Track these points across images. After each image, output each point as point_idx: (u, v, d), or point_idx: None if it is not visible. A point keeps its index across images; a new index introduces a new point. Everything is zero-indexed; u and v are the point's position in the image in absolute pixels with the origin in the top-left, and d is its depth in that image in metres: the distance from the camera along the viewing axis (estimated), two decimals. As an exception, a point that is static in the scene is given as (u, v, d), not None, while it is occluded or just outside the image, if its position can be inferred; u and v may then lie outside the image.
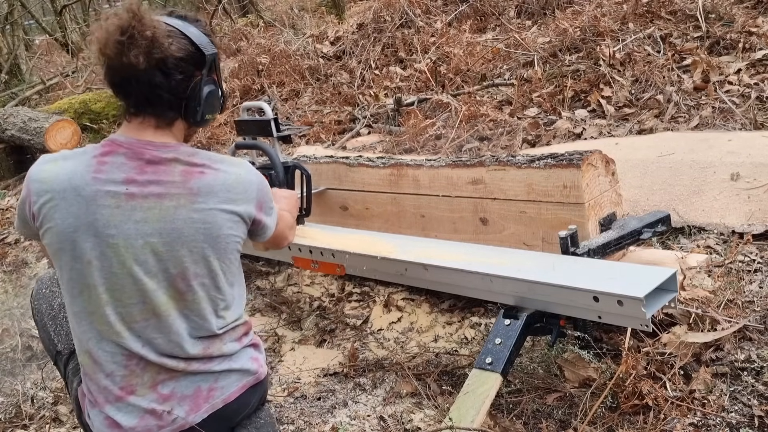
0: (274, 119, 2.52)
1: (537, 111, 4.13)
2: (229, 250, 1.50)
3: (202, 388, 1.50)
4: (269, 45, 6.75)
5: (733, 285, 2.07)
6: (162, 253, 1.42)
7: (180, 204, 1.43)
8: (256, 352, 1.62)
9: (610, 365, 1.86)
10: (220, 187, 1.47)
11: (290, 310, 2.62)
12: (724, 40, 4.03)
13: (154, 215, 1.41)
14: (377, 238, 2.31)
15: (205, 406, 1.49)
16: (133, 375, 1.46)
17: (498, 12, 5.83)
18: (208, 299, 1.49)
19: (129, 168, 1.42)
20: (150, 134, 1.47)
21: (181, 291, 1.45)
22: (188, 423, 1.47)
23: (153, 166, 1.44)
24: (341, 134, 4.86)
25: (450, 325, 2.34)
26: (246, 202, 1.52)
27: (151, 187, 1.42)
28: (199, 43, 1.49)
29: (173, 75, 1.44)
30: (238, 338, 1.57)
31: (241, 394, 1.55)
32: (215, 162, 1.51)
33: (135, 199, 1.41)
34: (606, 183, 2.14)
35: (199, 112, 1.51)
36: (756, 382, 1.72)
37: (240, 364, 1.55)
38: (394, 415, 1.89)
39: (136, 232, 1.41)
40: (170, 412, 1.46)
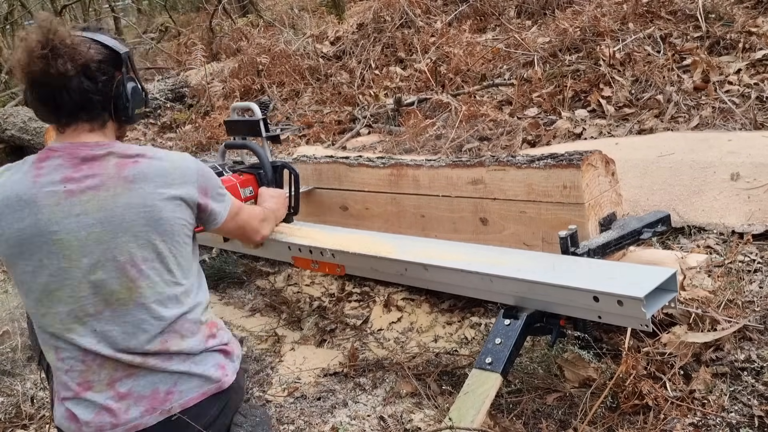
0: (263, 119, 2.56)
1: (537, 111, 4.13)
2: (176, 233, 1.54)
3: (159, 390, 1.51)
4: (269, 45, 6.75)
5: (733, 285, 2.07)
6: (107, 241, 1.46)
7: (117, 192, 1.48)
8: (224, 359, 1.62)
9: (610, 365, 1.86)
10: (156, 173, 1.52)
11: (290, 310, 2.62)
12: (724, 40, 4.03)
13: (93, 206, 1.46)
14: (377, 238, 2.31)
15: (161, 408, 1.50)
16: (89, 371, 1.49)
17: (498, 12, 5.83)
18: (163, 283, 1.52)
19: (65, 168, 1.49)
20: (84, 137, 1.54)
21: (133, 278, 1.48)
22: (143, 424, 1.48)
23: (88, 163, 1.50)
24: (341, 134, 4.86)
25: (450, 325, 2.34)
26: (185, 186, 1.56)
27: (87, 181, 1.48)
28: (112, 45, 1.58)
29: (98, 78, 1.53)
30: (201, 338, 1.58)
31: (201, 401, 1.54)
32: (150, 152, 1.57)
33: (73, 195, 1.46)
34: (606, 183, 2.14)
35: (129, 109, 1.60)
36: (756, 382, 1.72)
37: (202, 369, 1.55)
38: (394, 415, 1.89)
39: (77, 225, 1.46)
40: (126, 411, 1.48)
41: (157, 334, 1.51)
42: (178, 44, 9.18)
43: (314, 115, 5.33)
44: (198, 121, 6.04)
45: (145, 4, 14.69)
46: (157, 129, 6.31)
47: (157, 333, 1.51)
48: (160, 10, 13.08)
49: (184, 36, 9.39)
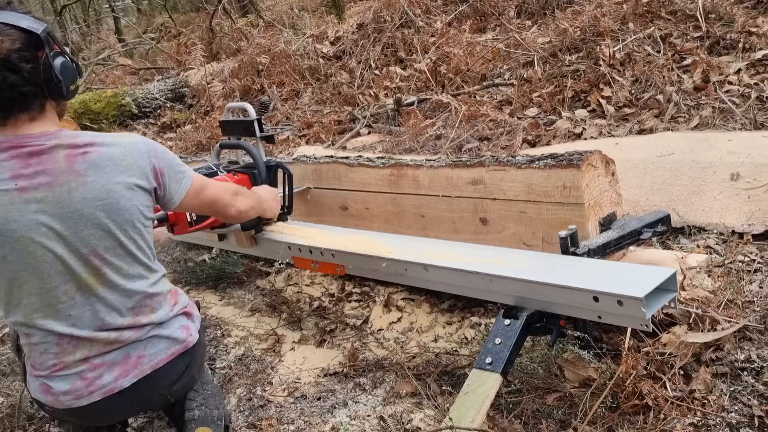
0: (258, 119, 2.59)
1: (537, 111, 4.13)
2: (135, 220, 1.56)
3: (131, 355, 1.59)
4: (269, 45, 6.75)
5: (733, 285, 2.07)
6: (67, 236, 1.48)
7: (72, 187, 1.47)
8: (187, 320, 1.72)
9: (610, 365, 1.86)
10: (107, 162, 1.51)
11: (290, 310, 2.62)
12: (724, 40, 4.02)
13: (49, 203, 1.46)
14: (377, 238, 2.31)
15: (134, 371, 1.58)
16: (64, 353, 1.54)
17: (498, 12, 5.83)
18: (126, 265, 1.57)
19: (13, 164, 1.46)
20: (26, 128, 1.50)
21: (97, 266, 1.52)
22: (117, 387, 1.57)
23: (37, 158, 1.47)
24: (341, 134, 4.86)
25: (450, 325, 2.34)
26: (137, 170, 1.56)
27: (39, 177, 1.46)
28: (27, 26, 1.48)
29: (22, 68, 1.45)
30: (168, 307, 1.67)
31: (170, 361, 1.64)
32: (99, 139, 1.55)
33: (26, 192, 1.45)
34: (606, 183, 2.14)
35: (63, 87, 1.53)
36: (756, 382, 1.72)
37: (169, 332, 1.65)
38: (394, 415, 1.89)
39: (36, 223, 1.46)
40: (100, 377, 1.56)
41: (129, 309, 1.59)
42: (178, 44, 9.18)
43: (314, 115, 5.33)
44: (198, 121, 6.05)
45: (145, 4, 14.70)
46: (157, 129, 6.32)
47: (129, 308, 1.59)
48: (160, 10, 13.08)
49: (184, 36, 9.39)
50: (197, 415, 1.70)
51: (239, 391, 2.15)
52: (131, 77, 8.37)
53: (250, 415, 2.01)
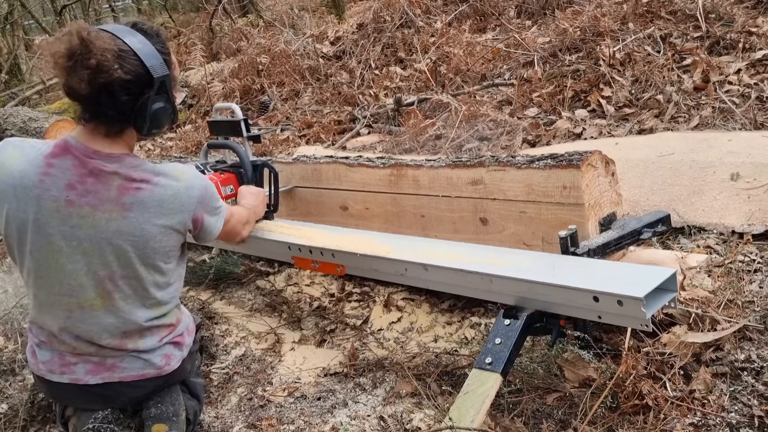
0: (244, 120, 2.64)
1: (537, 111, 4.13)
2: (158, 260, 1.64)
3: (107, 362, 1.68)
4: (269, 45, 6.75)
5: (733, 285, 2.07)
6: (92, 256, 1.58)
7: (112, 217, 1.56)
8: (173, 349, 1.76)
9: (610, 365, 1.86)
10: (153, 203, 1.59)
11: (290, 310, 2.62)
12: (724, 40, 4.03)
13: (87, 223, 1.55)
14: (377, 238, 2.31)
15: (103, 374, 1.67)
16: (55, 341, 1.67)
17: (498, 12, 5.83)
18: (135, 296, 1.65)
19: (72, 175, 1.54)
20: (99, 141, 1.57)
21: (108, 290, 1.61)
22: (83, 380, 1.67)
23: (93, 177, 1.55)
24: (341, 134, 4.86)
25: (450, 325, 2.34)
26: (180, 215, 1.64)
27: (88, 197, 1.55)
28: (150, 66, 1.55)
29: (119, 96, 1.52)
30: (158, 337, 1.72)
31: (139, 380, 1.70)
32: (155, 176, 1.61)
33: (73, 206, 1.54)
34: (606, 183, 2.14)
35: (145, 128, 1.60)
36: (756, 382, 1.72)
37: (148, 357, 1.70)
38: (394, 415, 1.89)
39: (70, 235, 1.56)
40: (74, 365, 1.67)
41: (120, 334, 1.66)
42: (178, 44, 9.17)
43: (314, 115, 5.33)
44: (198, 120, 6.05)
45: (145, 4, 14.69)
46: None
47: (120, 333, 1.66)
48: (160, 10, 13.08)
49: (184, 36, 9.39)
50: (153, 413, 1.75)
51: (239, 391, 2.15)
52: (131, 77, 8.35)
53: (250, 415, 2.01)
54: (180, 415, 1.79)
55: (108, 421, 1.73)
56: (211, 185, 1.76)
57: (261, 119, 5.70)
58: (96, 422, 1.71)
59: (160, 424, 1.74)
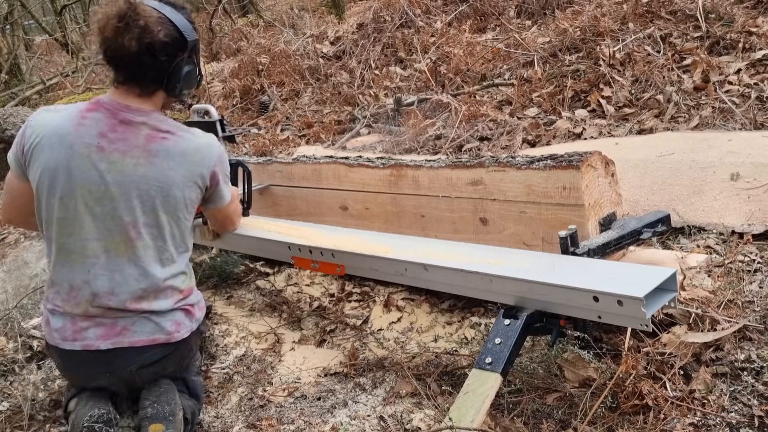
0: (219, 120, 2.78)
1: (537, 111, 4.13)
2: (179, 209, 1.78)
3: (118, 325, 1.76)
4: (269, 45, 6.75)
5: (733, 285, 2.07)
6: (118, 200, 1.71)
7: (139, 162, 1.72)
8: (184, 317, 1.84)
9: (610, 365, 1.86)
10: (177, 153, 1.75)
11: (290, 310, 2.62)
12: (724, 40, 4.03)
13: (116, 168, 1.70)
14: (377, 238, 2.31)
15: (113, 339, 1.75)
16: (70, 301, 1.75)
17: (498, 12, 5.83)
18: (155, 248, 1.77)
19: (104, 125, 1.72)
20: (132, 99, 1.77)
21: (131, 237, 1.73)
22: (94, 346, 1.74)
23: (124, 126, 1.73)
24: (341, 134, 4.86)
25: (450, 325, 2.34)
26: (201, 168, 1.79)
27: (118, 144, 1.71)
28: (183, 30, 1.77)
29: (159, 57, 1.72)
30: (172, 301, 1.81)
31: (148, 345, 1.78)
32: (181, 130, 1.80)
33: (103, 152, 1.70)
34: (605, 184, 2.14)
35: (178, 88, 1.81)
36: (756, 382, 1.72)
37: (159, 320, 1.79)
38: (394, 415, 1.89)
39: (99, 180, 1.70)
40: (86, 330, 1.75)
41: (139, 290, 1.75)
42: (178, 44, 9.16)
43: (314, 115, 5.33)
44: (198, 121, 6.03)
45: (145, 4, 14.67)
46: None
47: (139, 290, 1.75)
48: (160, 10, 13.06)
49: (184, 36, 9.37)
50: (150, 413, 1.78)
51: (239, 391, 2.15)
52: (131, 77, 8.35)
53: (250, 415, 2.01)
54: (177, 414, 1.80)
55: (103, 420, 1.75)
56: (225, 152, 1.91)
57: (261, 119, 5.70)
58: (91, 420, 1.74)
59: (157, 424, 1.75)
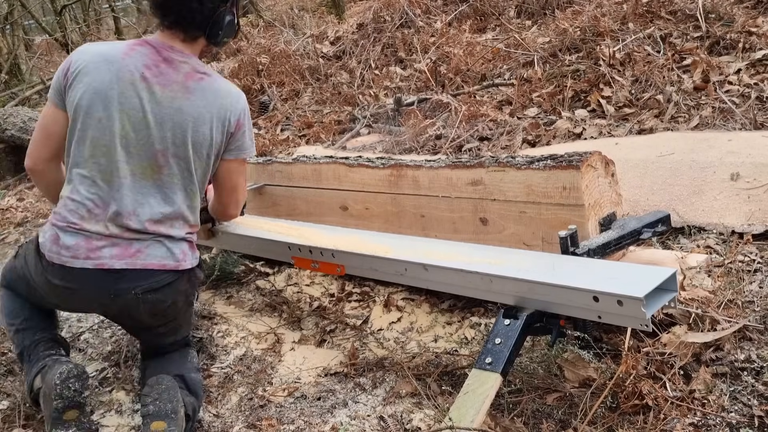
0: None
1: (537, 111, 4.13)
2: (205, 146, 1.91)
3: (133, 246, 1.85)
4: (269, 45, 6.75)
5: (733, 285, 2.07)
6: (152, 129, 1.83)
7: (176, 96, 1.85)
8: (189, 249, 1.97)
9: (610, 365, 1.86)
10: (211, 92, 1.90)
11: (290, 310, 2.62)
12: (724, 40, 4.03)
13: (155, 99, 1.84)
14: (377, 238, 2.31)
15: (127, 259, 1.83)
16: (89, 219, 1.81)
17: (498, 12, 5.83)
18: (180, 177, 1.89)
19: (149, 59, 1.87)
20: (176, 42, 1.92)
21: (160, 164, 1.86)
22: (108, 264, 1.81)
23: (167, 64, 1.88)
24: (341, 134, 4.86)
25: (450, 325, 2.34)
26: (229, 111, 1.92)
27: (160, 77, 1.85)
28: None
29: (205, 3, 1.88)
30: (184, 231, 1.94)
31: (159, 269, 1.87)
32: (217, 76, 1.96)
33: (145, 82, 1.84)
34: (605, 184, 2.14)
35: (220, 35, 1.96)
36: (756, 382, 1.72)
37: (170, 246, 1.90)
38: (394, 415, 1.89)
39: (138, 107, 1.83)
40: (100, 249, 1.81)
41: (159, 214, 1.86)
42: (178, 44, 9.17)
43: (314, 115, 5.33)
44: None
45: (145, 4, 14.68)
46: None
47: (159, 214, 1.86)
48: (160, 10, 13.04)
49: (184, 36, 9.37)
50: (152, 410, 1.79)
51: (239, 391, 2.15)
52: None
53: (250, 415, 2.01)
54: (178, 411, 1.80)
55: (74, 375, 1.80)
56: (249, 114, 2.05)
57: (261, 119, 5.70)
58: (62, 377, 1.79)
59: (159, 422, 1.76)
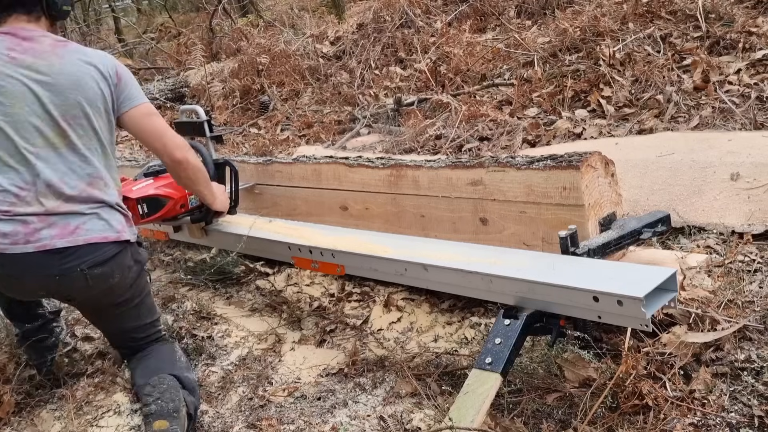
0: (207, 121, 2.86)
1: (537, 111, 4.13)
2: (98, 100, 1.93)
3: (71, 224, 1.86)
4: (269, 45, 6.75)
5: (733, 285, 2.07)
6: (44, 98, 1.85)
7: (52, 62, 1.88)
8: (125, 222, 2.00)
9: (610, 365, 1.86)
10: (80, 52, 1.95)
11: (290, 310, 2.62)
12: (724, 40, 4.03)
13: (32, 70, 1.86)
14: (377, 238, 2.31)
15: (69, 237, 1.84)
16: (19, 204, 1.81)
17: (498, 12, 5.83)
18: (88, 137, 1.92)
19: (8, 43, 1.88)
20: (23, 25, 1.93)
21: (64, 128, 1.87)
22: (50, 245, 1.81)
23: (28, 42, 1.90)
24: (341, 134, 4.86)
25: (450, 325, 2.34)
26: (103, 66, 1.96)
27: (28, 53, 1.88)
28: None
29: None
30: (117, 194, 1.99)
31: (101, 242, 1.89)
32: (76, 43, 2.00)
33: (16, 60, 1.86)
34: (605, 184, 2.14)
35: (58, 4, 1.96)
36: (756, 382, 1.72)
37: (108, 217, 1.92)
38: (394, 415, 1.89)
39: (20, 80, 1.85)
40: (39, 231, 1.81)
41: (85, 175, 1.89)
42: (178, 44, 9.17)
43: (314, 115, 5.33)
44: (198, 121, 6.03)
45: (145, 4, 14.68)
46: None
47: (86, 175, 1.89)
48: (160, 10, 13.08)
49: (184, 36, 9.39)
50: (154, 410, 1.80)
51: (239, 391, 2.15)
52: (131, 77, 8.34)
53: (250, 415, 2.01)
54: (180, 411, 1.81)
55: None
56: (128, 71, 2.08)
57: (261, 119, 5.70)
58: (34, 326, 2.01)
59: (162, 421, 1.77)
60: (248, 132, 5.45)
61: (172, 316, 2.61)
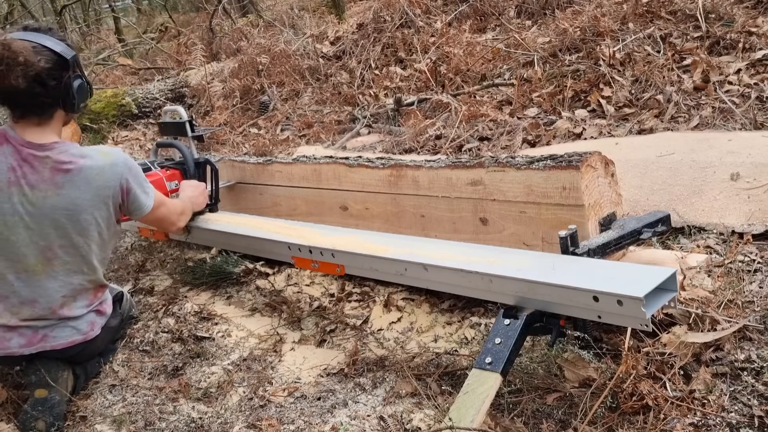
0: (189, 121, 2.95)
1: (537, 111, 4.13)
2: (91, 230, 1.96)
3: (39, 333, 1.96)
4: (269, 45, 6.74)
5: (733, 285, 2.07)
6: (32, 230, 1.89)
7: (47, 195, 1.88)
8: (97, 317, 2.07)
9: (610, 365, 1.86)
10: (82, 180, 1.90)
11: (290, 310, 2.62)
12: (724, 40, 4.03)
13: (27, 200, 1.87)
14: (377, 238, 2.31)
15: (36, 345, 1.95)
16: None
17: (498, 12, 5.83)
18: (72, 263, 1.96)
19: (12, 160, 1.88)
20: (32, 133, 1.91)
21: (48, 257, 1.93)
22: (18, 352, 1.93)
23: (28, 164, 1.88)
24: (341, 134, 4.86)
25: (450, 325, 2.34)
26: (107, 188, 1.94)
27: (27, 178, 1.87)
28: (60, 51, 1.89)
29: (48, 84, 1.87)
30: (88, 303, 2.04)
31: (68, 347, 1.99)
32: (82, 158, 1.92)
33: (13, 186, 1.87)
34: (605, 184, 2.14)
35: (75, 104, 1.97)
36: (756, 382, 1.72)
37: (76, 324, 2.00)
38: (394, 415, 1.89)
39: (12, 211, 1.88)
40: (9, 340, 1.93)
41: (59, 298, 1.95)
42: (178, 44, 9.17)
43: (314, 115, 5.33)
44: (198, 120, 6.04)
45: (145, 4, 14.69)
46: (157, 129, 6.31)
47: (60, 298, 1.95)
48: (160, 10, 13.08)
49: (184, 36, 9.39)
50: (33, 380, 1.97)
51: (239, 391, 2.15)
52: (131, 77, 8.36)
53: (250, 415, 2.01)
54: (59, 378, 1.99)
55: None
56: (135, 163, 2.06)
57: (261, 119, 5.70)
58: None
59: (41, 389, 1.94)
60: (248, 132, 5.45)
61: (173, 317, 2.61)
